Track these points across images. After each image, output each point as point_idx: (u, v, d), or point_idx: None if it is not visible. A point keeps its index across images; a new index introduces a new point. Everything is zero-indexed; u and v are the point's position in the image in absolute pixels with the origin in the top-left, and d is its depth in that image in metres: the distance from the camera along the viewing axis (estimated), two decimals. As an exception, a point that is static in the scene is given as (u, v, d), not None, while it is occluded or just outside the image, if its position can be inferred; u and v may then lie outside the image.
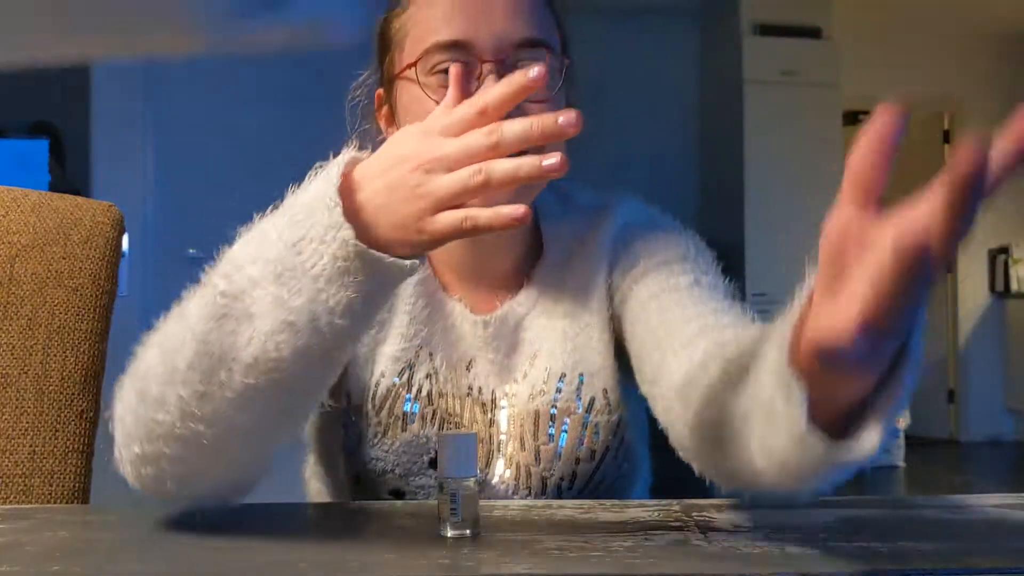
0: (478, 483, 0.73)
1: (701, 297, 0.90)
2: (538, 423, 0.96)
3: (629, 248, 0.98)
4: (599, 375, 0.97)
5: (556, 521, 0.78)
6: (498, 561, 0.65)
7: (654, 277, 0.94)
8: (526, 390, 0.97)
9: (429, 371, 0.97)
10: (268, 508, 0.83)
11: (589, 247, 0.99)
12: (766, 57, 4.98)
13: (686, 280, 0.92)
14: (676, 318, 0.88)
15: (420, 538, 0.73)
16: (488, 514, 0.80)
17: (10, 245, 1.06)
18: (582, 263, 0.99)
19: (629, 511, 0.82)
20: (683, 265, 0.94)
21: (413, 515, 0.81)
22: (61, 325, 1.05)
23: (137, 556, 0.69)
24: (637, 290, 0.95)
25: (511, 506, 0.85)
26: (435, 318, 0.98)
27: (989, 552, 0.68)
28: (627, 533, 0.72)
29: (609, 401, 0.97)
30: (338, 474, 1.00)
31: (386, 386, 0.97)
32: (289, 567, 0.65)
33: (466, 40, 0.86)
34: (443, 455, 0.73)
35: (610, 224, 0.99)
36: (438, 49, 0.87)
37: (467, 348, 0.99)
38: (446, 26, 0.87)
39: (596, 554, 0.67)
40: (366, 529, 0.77)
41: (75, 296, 1.06)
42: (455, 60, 0.86)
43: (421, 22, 0.89)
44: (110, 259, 1.10)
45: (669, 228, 1.00)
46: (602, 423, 0.97)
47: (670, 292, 0.91)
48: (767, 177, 4.95)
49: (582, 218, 1.01)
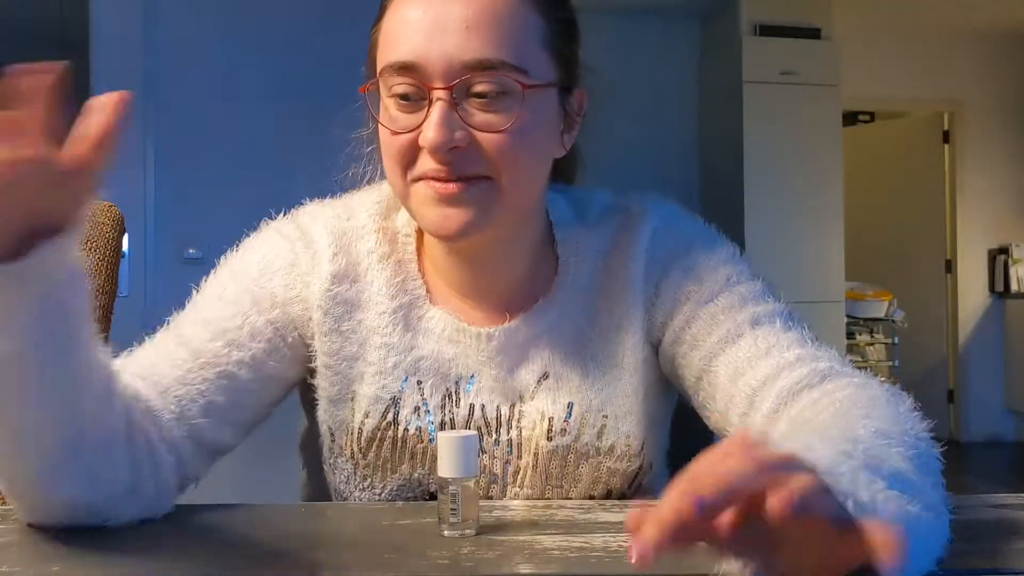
0: (478, 483, 0.73)
1: (759, 347, 0.85)
2: (552, 461, 0.90)
3: (668, 276, 0.91)
4: (625, 418, 0.91)
5: (556, 521, 0.78)
6: (498, 561, 0.65)
7: (710, 324, 0.88)
8: (534, 413, 0.91)
9: (417, 404, 0.90)
10: (268, 508, 0.83)
11: (617, 262, 0.92)
12: (766, 57, 4.97)
13: (745, 319, 0.87)
14: (742, 372, 0.84)
15: (420, 538, 0.73)
16: (488, 514, 0.80)
17: (10, 245, 1.06)
18: (611, 281, 0.92)
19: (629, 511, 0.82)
20: (731, 297, 0.89)
21: (413, 515, 0.81)
22: (61, 325, 1.05)
23: (137, 556, 0.69)
24: (694, 336, 0.89)
25: (511, 506, 0.85)
26: (421, 342, 0.91)
27: (989, 552, 0.68)
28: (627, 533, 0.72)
29: (631, 447, 0.91)
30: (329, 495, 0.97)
31: (371, 428, 0.91)
32: (289, 567, 0.65)
33: (415, 62, 0.80)
34: (443, 455, 0.73)
35: (639, 237, 0.92)
36: (390, 71, 0.82)
37: (466, 364, 0.91)
38: (398, 46, 0.81)
39: (596, 554, 0.67)
40: (366, 529, 0.77)
41: (75, 296, 1.06)
42: (408, 83, 0.81)
43: (387, 34, 0.84)
44: (110, 259, 1.10)
45: (703, 239, 0.94)
46: (620, 470, 0.91)
47: (731, 345, 0.86)
48: (767, 177, 4.95)
49: (603, 227, 0.94)
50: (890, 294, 5.65)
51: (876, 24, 5.91)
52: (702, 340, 0.88)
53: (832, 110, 5.09)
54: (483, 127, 0.80)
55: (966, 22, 6.02)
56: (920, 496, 0.57)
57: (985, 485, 5.03)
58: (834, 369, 0.82)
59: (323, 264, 0.91)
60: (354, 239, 0.93)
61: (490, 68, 0.80)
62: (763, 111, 4.96)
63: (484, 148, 0.81)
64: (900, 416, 0.72)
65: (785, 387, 0.81)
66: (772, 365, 0.84)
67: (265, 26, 4.02)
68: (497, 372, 0.91)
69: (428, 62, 0.80)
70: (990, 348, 6.42)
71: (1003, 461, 6.04)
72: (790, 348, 0.85)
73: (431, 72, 0.80)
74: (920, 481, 0.61)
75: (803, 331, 0.88)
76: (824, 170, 4.98)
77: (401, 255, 0.93)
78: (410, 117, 0.82)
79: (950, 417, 6.44)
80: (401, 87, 0.81)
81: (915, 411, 0.75)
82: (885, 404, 0.74)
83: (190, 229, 3.93)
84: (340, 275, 0.91)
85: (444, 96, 0.79)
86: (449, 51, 0.79)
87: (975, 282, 6.45)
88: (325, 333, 0.91)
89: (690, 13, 5.37)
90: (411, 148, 0.82)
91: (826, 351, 0.86)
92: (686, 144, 5.48)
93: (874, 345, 5.66)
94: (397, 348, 0.91)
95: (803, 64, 4.99)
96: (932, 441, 0.71)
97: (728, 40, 5.13)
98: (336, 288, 0.91)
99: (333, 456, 0.93)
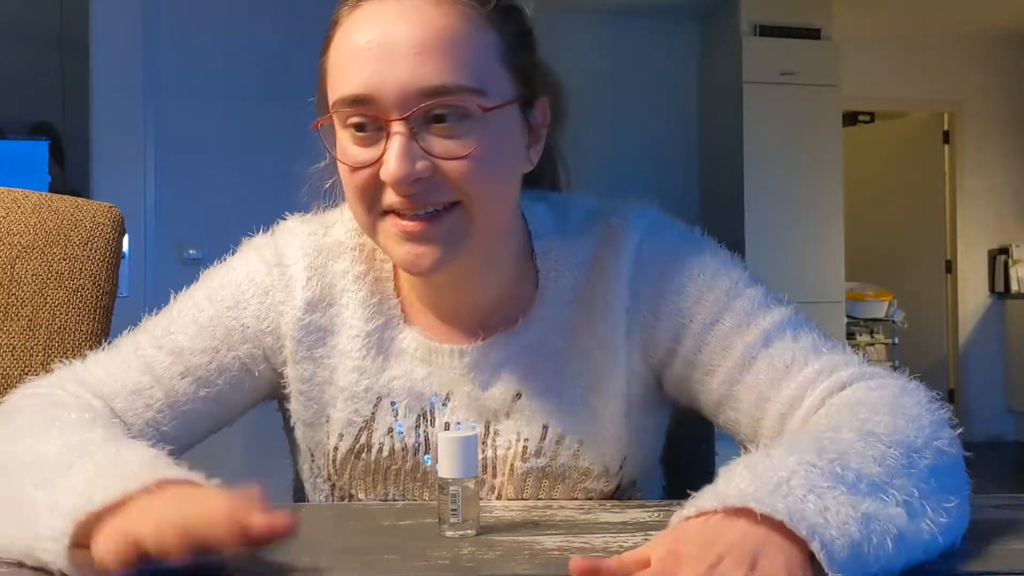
0: (479, 484, 0.73)
1: (777, 367, 0.84)
2: (527, 480, 0.89)
3: (663, 295, 0.88)
4: (604, 442, 0.89)
5: (556, 521, 0.78)
6: (498, 561, 0.65)
7: (722, 348, 0.86)
8: (509, 433, 0.89)
9: (390, 425, 0.90)
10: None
11: (599, 277, 0.89)
12: (765, 58, 4.97)
13: (756, 339, 0.85)
14: (767, 397, 0.84)
15: (420, 538, 0.73)
16: (488, 514, 0.80)
17: (11, 246, 1.06)
18: (593, 297, 0.89)
19: (629, 511, 0.82)
20: (736, 315, 0.86)
21: (413, 515, 0.81)
22: (62, 326, 1.05)
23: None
24: (708, 361, 0.86)
25: (511, 506, 0.85)
26: (393, 364, 0.90)
27: (989, 552, 0.68)
28: (627, 533, 0.72)
29: (608, 469, 0.90)
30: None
31: (344, 450, 0.91)
32: (289, 567, 0.65)
33: (368, 95, 0.76)
34: (443, 455, 0.73)
35: (622, 252, 0.88)
36: (342, 103, 0.78)
37: (440, 383, 0.89)
38: (348, 78, 0.78)
39: (596, 554, 0.67)
40: (366, 529, 0.77)
41: (75, 297, 1.06)
42: (363, 114, 0.77)
43: (335, 65, 0.80)
44: (110, 260, 1.10)
45: (689, 247, 0.90)
46: (597, 490, 0.90)
47: (747, 370, 0.85)
48: (767, 177, 4.95)
49: (584, 239, 0.90)
50: (890, 294, 5.64)
51: (876, 24, 5.91)
52: (717, 364, 0.86)
53: (832, 110, 5.09)
54: (445, 155, 0.77)
55: (966, 22, 6.02)
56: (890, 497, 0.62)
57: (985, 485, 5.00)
58: (852, 376, 0.82)
59: (296, 292, 0.90)
60: (330, 258, 0.92)
61: (447, 93, 0.76)
62: (763, 111, 4.96)
63: (448, 175, 0.78)
64: (900, 416, 0.72)
65: (812, 403, 0.82)
66: (796, 386, 0.83)
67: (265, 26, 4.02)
68: (470, 389, 0.89)
69: (382, 93, 0.76)
70: (990, 348, 6.42)
71: (1003, 461, 6.04)
72: (808, 363, 0.84)
73: (386, 103, 0.76)
74: (902, 483, 0.64)
75: (813, 334, 0.86)
76: (824, 170, 4.98)
77: (378, 273, 0.92)
78: (368, 151, 0.79)
79: (950, 417, 6.44)
80: (355, 119, 0.78)
81: (929, 404, 0.76)
82: (885, 405, 0.75)
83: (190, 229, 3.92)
84: (314, 302, 0.91)
85: (402, 129, 0.76)
86: (402, 79, 0.76)
87: (975, 282, 6.45)
88: (297, 361, 0.91)
89: (690, 13, 5.37)
90: (373, 182, 0.79)
91: (840, 353, 0.85)
92: (686, 144, 5.48)
93: (874, 345, 5.66)
94: (369, 371, 0.90)
95: (803, 64, 4.99)
96: (943, 435, 0.72)
97: (728, 40, 5.13)
98: (309, 317, 0.90)
99: (313, 476, 0.95)
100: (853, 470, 0.63)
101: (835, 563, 0.57)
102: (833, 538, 0.57)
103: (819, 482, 0.61)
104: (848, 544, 0.58)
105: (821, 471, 0.62)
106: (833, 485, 0.61)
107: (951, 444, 0.73)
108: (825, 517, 0.58)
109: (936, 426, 0.73)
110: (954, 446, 0.73)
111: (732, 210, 5.02)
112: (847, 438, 0.67)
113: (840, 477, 0.62)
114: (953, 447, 0.73)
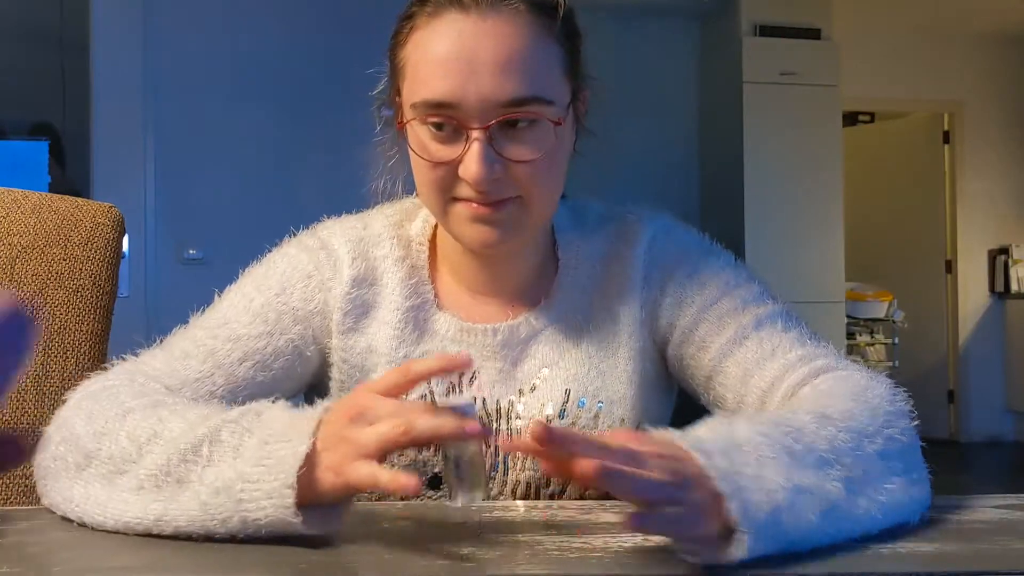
0: (482, 450, 0.72)
1: (765, 348, 0.92)
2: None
3: (672, 279, 0.97)
4: (619, 404, 0.96)
5: (556, 521, 0.78)
6: (498, 561, 0.66)
7: (716, 326, 0.94)
8: (535, 404, 0.96)
9: (424, 393, 0.95)
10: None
11: (616, 267, 0.98)
12: (766, 58, 4.98)
13: (748, 321, 0.93)
14: (751, 374, 0.92)
15: (420, 538, 0.73)
16: (488, 514, 0.80)
17: (11, 246, 1.06)
18: (609, 283, 0.98)
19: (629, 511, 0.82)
20: (733, 300, 0.95)
21: (412, 515, 0.81)
22: (62, 326, 1.05)
23: (137, 555, 0.69)
24: (702, 337, 0.95)
25: (511, 507, 0.86)
26: (427, 341, 0.97)
27: (989, 552, 0.69)
28: (627, 533, 0.72)
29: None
30: None
31: None
32: (289, 567, 0.65)
33: (452, 102, 0.84)
34: None
35: (638, 244, 0.98)
36: (426, 106, 0.86)
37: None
38: (433, 85, 0.85)
39: (596, 554, 0.67)
40: (366, 529, 0.77)
41: (75, 297, 1.07)
42: (444, 117, 0.85)
43: (416, 67, 0.87)
44: (110, 260, 1.10)
45: (700, 247, 1.00)
46: None
47: (738, 347, 0.93)
48: (766, 177, 4.96)
49: (600, 235, 1.00)
50: (890, 294, 5.65)
51: (876, 24, 5.91)
52: (710, 341, 0.95)
53: (832, 110, 5.10)
54: (515, 158, 0.86)
55: (966, 23, 6.03)
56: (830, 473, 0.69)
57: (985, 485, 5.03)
58: (828, 366, 0.90)
59: (344, 269, 0.97)
60: (371, 245, 0.99)
61: (522, 104, 0.85)
62: (763, 111, 4.97)
63: (517, 175, 0.87)
64: (860, 405, 0.78)
65: (790, 385, 0.89)
66: (778, 367, 0.91)
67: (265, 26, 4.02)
68: (501, 365, 0.97)
69: (464, 103, 0.84)
70: (990, 348, 6.42)
71: (1003, 461, 6.04)
72: (792, 349, 0.92)
73: (468, 112, 0.84)
74: (848, 462, 0.70)
75: (801, 329, 0.95)
76: (824, 170, 4.99)
77: (415, 260, 1.00)
78: (447, 149, 0.86)
79: (950, 417, 6.45)
80: (436, 119, 0.86)
81: (891, 396, 0.82)
82: (847, 394, 0.81)
83: (190, 229, 3.93)
84: (359, 279, 0.98)
85: (481, 135, 0.84)
86: (484, 93, 0.84)
87: (975, 282, 6.45)
88: (343, 332, 0.97)
89: (690, 13, 5.37)
90: (450, 177, 0.87)
91: (823, 347, 0.93)
92: (686, 144, 5.49)
93: (874, 345, 5.67)
94: (407, 341, 0.97)
95: (803, 64, 5.00)
96: (898, 424, 0.78)
97: (728, 41, 5.14)
98: (356, 291, 0.97)
99: None
100: (803, 444, 0.69)
101: (748, 522, 0.62)
102: (756, 502, 0.63)
103: (766, 452, 0.67)
104: (769, 509, 0.63)
105: (771, 441, 0.68)
106: (776, 456, 0.67)
107: (904, 432, 0.78)
108: (757, 483, 0.64)
109: (893, 416, 0.79)
110: (907, 435, 0.78)
111: (732, 210, 5.02)
112: (804, 419, 0.73)
113: (787, 449, 0.68)
114: (906, 435, 0.78)
